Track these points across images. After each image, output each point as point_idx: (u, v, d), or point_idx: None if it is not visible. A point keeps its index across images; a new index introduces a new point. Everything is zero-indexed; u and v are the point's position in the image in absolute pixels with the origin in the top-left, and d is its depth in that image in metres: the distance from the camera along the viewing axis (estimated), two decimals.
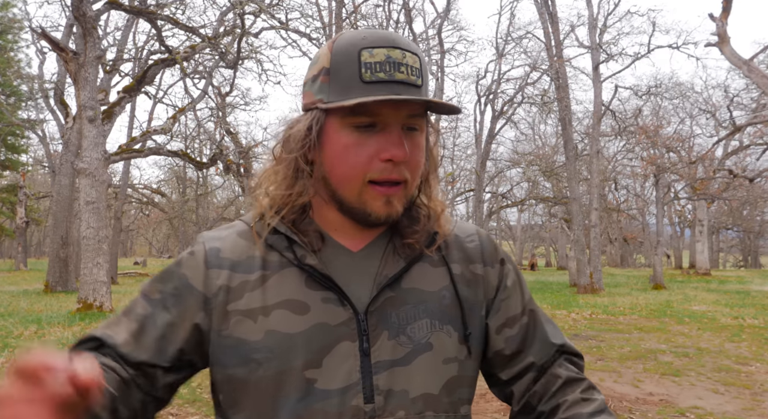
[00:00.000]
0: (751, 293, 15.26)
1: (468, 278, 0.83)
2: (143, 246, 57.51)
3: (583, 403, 0.79)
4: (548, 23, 16.75)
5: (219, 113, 18.59)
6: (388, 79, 0.72)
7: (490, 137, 25.13)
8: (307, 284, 0.76)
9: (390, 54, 0.72)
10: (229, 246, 0.80)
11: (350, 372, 0.73)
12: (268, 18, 13.92)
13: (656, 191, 19.13)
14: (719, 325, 9.03)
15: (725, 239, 47.49)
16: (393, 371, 0.74)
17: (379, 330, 0.75)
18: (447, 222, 0.84)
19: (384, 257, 0.79)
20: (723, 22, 12.08)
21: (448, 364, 0.78)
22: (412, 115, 0.74)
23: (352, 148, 0.73)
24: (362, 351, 0.74)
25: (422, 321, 0.77)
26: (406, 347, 0.76)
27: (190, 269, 0.78)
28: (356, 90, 0.72)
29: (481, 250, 0.87)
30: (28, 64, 28.54)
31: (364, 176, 0.74)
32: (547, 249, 51.58)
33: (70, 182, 15.34)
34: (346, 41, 0.74)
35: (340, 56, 0.74)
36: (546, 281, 22.05)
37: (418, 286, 0.79)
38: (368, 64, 0.72)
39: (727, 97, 21.61)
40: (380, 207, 0.75)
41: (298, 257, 0.76)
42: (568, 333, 8.25)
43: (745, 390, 5.07)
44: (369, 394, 0.73)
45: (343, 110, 0.73)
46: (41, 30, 10.24)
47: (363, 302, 0.76)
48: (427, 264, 0.81)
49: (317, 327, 0.74)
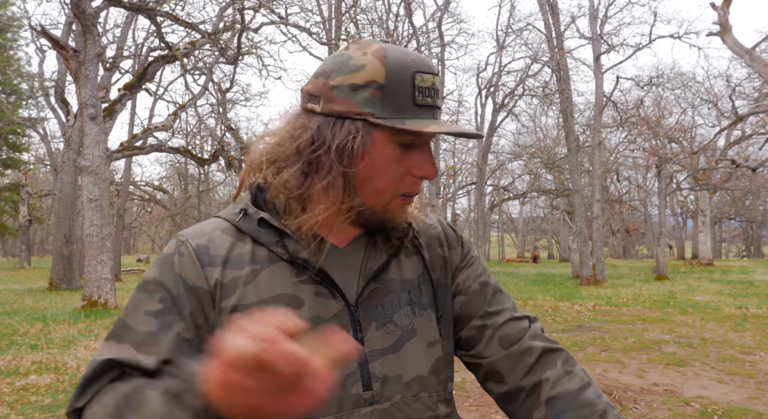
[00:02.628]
0: (754, 283, 15.25)
1: (438, 262, 0.89)
2: (146, 243, 57.64)
3: (567, 377, 0.80)
4: (549, 15, 16.67)
5: (220, 109, 18.57)
6: (433, 104, 0.77)
7: (492, 130, 25.09)
8: (298, 278, 0.77)
9: (434, 81, 0.78)
10: (216, 243, 0.78)
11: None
12: (268, 13, 13.89)
13: (658, 182, 19.10)
14: (723, 315, 9.04)
15: (728, 230, 47.45)
16: (385, 358, 0.78)
17: (368, 320, 0.78)
18: (419, 214, 0.88)
19: (367, 252, 0.83)
20: (725, 11, 12.01)
21: (432, 346, 0.82)
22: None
23: (394, 163, 0.77)
24: (357, 341, 0.77)
25: (405, 308, 0.81)
26: (394, 335, 0.79)
27: (185, 269, 0.76)
28: (409, 111, 0.75)
29: (444, 234, 0.92)
30: (28, 62, 28.54)
31: (397, 190, 0.78)
32: (549, 241, 51.57)
33: (73, 180, 15.37)
34: (398, 60, 0.76)
35: (395, 75, 0.75)
36: (549, 273, 22.06)
37: (398, 276, 0.83)
38: (421, 89, 0.76)
39: (729, 86, 21.50)
40: (400, 215, 0.81)
41: (291, 251, 0.77)
42: (571, 324, 8.27)
43: (750, 379, 5.08)
44: (367, 381, 0.76)
45: (395, 129, 0.75)
46: (41, 28, 10.23)
47: (352, 295, 0.79)
48: (403, 255, 0.86)
49: (313, 321, 0.75)
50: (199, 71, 19.27)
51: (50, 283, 15.14)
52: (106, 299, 9.73)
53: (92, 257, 9.69)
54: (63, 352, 6.32)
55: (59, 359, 5.94)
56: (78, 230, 15.71)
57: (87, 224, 9.76)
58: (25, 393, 4.69)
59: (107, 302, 9.70)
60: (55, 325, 8.25)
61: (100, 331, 7.71)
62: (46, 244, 46.94)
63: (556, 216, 35.02)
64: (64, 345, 6.74)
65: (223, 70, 20.19)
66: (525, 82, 23.10)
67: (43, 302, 11.58)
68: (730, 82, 21.73)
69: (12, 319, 8.95)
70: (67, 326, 8.16)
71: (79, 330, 7.78)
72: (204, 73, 18.97)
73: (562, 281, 17.34)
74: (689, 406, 4.30)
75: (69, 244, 15.28)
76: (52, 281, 15.10)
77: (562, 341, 6.78)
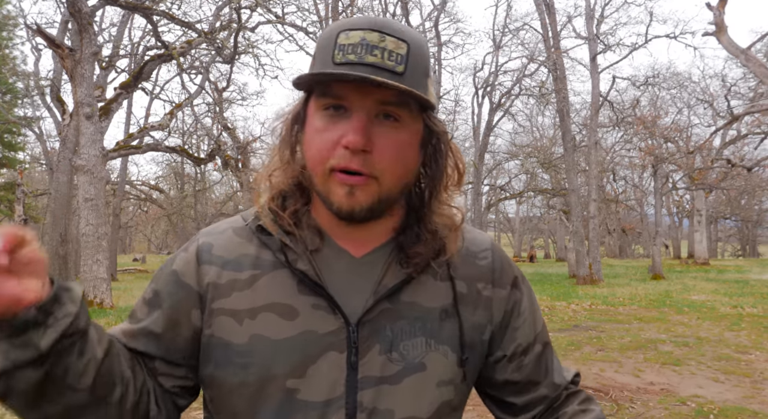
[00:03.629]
0: (749, 282, 15.31)
1: (473, 298, 0.78)
2: (142, 243, 57.47)
3: (582, 414, 0.79)
4: (545, 14, 16.69)
5: (216, 109, 18.53)
6: (357, 61, 0.66)
7: (488, 130, 25.11)
8: (298, 287, 0.72)
9: (366, 36, 0.67)
10: (223, 243, 0.76)
11: (334, 385, 0.69)
12: (265, 12, 13.87)
13: (654, 182, 19.15)
14: (718, 314, 9.07)
15: (723, 229, 47.59)
16: (380, 389, 0.70)
17: (370, 342, 0.71)
18: (456, 240, 0.77)
19: (386, 266, 0.74)
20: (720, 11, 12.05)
21: (442, 388, 0.73)
22: (386, 102, 0.68)
23: (321, 132, 0.69)
24: (349, 364, 0.70)
25: (418, 339, 0.72)
26: (397, 364, 0.71)
27: (182, 265, 0.75)
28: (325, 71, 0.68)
29: (492, 269, 0.81)
30: (23, 61, 28.42)
31: (327, 162, 0.68)
32: (545, 241, 51.65)
33: (68, 179, 15.31)
34: (333, 25, 0.71)
35: (323, 39, 0.71)
36: (545, 272, 22.10)
37: (419, 301, 0.74)
38: (342, 46, 0.67)
39: (725, 86, 21.59)
40: (342, 197, 0.69)
41: (290, 261, 0.72)
42: (568, 323, 8.28)
43: (745, 378, 5.10)
44: (351, 411, 0.69)
45: (318, 92, 0.70)
46: (36, 27, 10.19)
47: (356, 312, 0.71)
48: (430, 277, 0.75)
49: (304, 335, 0.70)
50: (195, 70, 19.22)
51: None
52: (102, 299, 9.70)
53: (88, 256, 9.65)
54: None
55: None
56: (74, 230, 15.67)
57: (83, 223, 9.73)
58: None
59: (103, 302, 9.67)
60: None
61: None
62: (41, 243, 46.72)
63: (552, 216, 35.07)
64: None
65: (220, 70, 20.14)
66: (522, 82, 23.14)
67: None
68: (725, 82, 21.83)
69: None
70: None
71: None
72: (200, 73, 18.93)
73: (559, 281, 17.37)
74: (685, 405, 4.31)
75: (65, 243, 15.23)
76: None
77: (559, 340, 6.79)
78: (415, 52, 0.70)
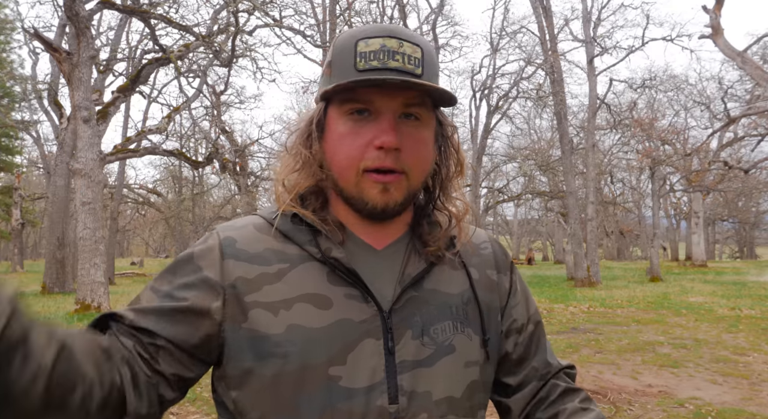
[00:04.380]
0: (747, 284, 15.33)
1: (486, 283, 0.84)
2: (140, 246, 57.36)
3: (582, 413, 0.80)
4: (542, 17, 16.74)
5: (214, 112, 18.53)
6: (381, 66, 0.72)
7: (486, 132, 25.14)
8: (329, 278, 0.74)
9: (385, 43, 0.72)
10: (246, 238, 0.77)
11: (375, 370, 0.71)
12: (262, 16, 13.88)
13: (652, 184, 19.18)
14: (716, 316, 9.08)
15: (721, 231, 47.68)
16: (417, 372, 0.73)
17: (402, 328, 0.74)
18: (467, 227, 0.84)
19: (406, 257, 0.78)
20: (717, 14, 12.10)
21: (470, 368, 0.77)
22: (409, 103, 0.73)
23: (348, 137, 0.73)
24: (387, 350, 0.72)
25: (445, 322, 0.76)
26: (429, 348, 0.74)
27: (204, 259, 0.75)
28: (351, 78, 0.72)
29: (494, 257, 0.88)
30: (20, 65, 28.38)
31: (359, 164, 0.73)
32: (543, 243, 51.67)
33: (66, 183, 15.29)
34: (347, 34, 0.76)
35: (339, 48, 0.75)
36: (543, 275, 22.10)
37: (440, 288, 0.78)
38: (363, 54, 0.72)
39: (722, 89, 21.64)
40: (377, 195, 0.74)
41: (323, 250, 0.74)
42: (566, 326, 8.28)
43: (743, 380, 5.10)
44: (393, 394, 0.71)
45: (340, 99, 0.74)
46: (34, 30, 10.18)
47: (387, 300, 0.74)
48: (447, 267, 0.81)
49: (341, 323, 0.72)
50: (193, 74, 19.22)
51: (43, 287, 15.03)
52: (100, 303, 9.67)
53: (85, 260, 9.63)
54: None
55: None
56: (71, 234, 15.62)
57: (80, 227, 9.71)
58: None
59: (101, 306, 9.65)
60: None
61: None
62: (39, 247, 46.64)
63: (550, 218, 35.10)
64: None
65: (218, 73, 20.15)
66: (519, 85, 23.18)
67: (36, 306, 11.49)
68: (722, 84, 21.89)
69: None
70: None
71: None
72: (198, 76, 18.93)
73: (557, 283, 17.38)
74: (683, 407, 4.31)
75: (62, 247, 15.19)
76: (45, 285, 15.00)
77: (557, 343, 6.79)
78: (428, 55, 0.75)
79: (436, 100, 0.76)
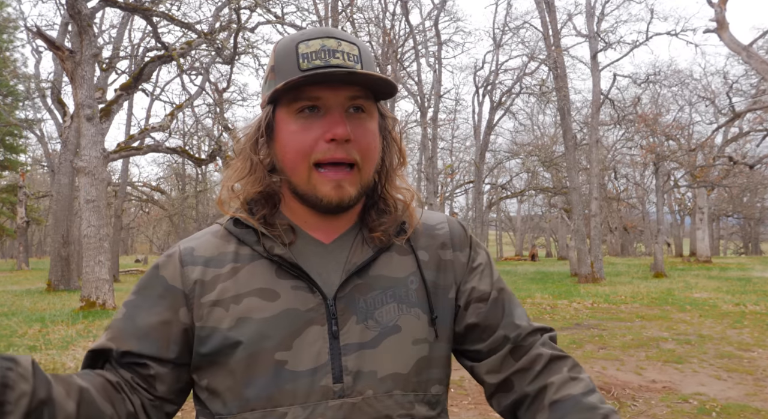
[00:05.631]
0: (752, 280, 15.28)
1: (435, 263, 0.86)
2: (144, 244, 57.54)
3: (572, 382, 0.80)
4: (545, 12, 16.67)
5: (217, 109, 18.55)
6: (324, 65, 0.76)
7: (489, 128, 25.10)
8: (277, 274, 0.79)
9: (325, 43, 0.77)
10: (203, 245, 0.83)
11: (319, 353, 0.76)
12: (264, 12, 13.87)
13: (656, 180, 19.11)
14: (721, 312, 9.05)
15: (726, 227, 47.51)
16: (362, 353, 0.77)
17: (347, 314, 0.78)
18: (414, 212, 0.87)
19: (353, 247, 0.82)
20: (722, 8, 12.02)
21: (418, 345, 0.81)
22: (354, 96, 0.77)
23: (298, 133, 0.77)
24: (331, 334, 0.77)
25: (390, 305, 0.80)
26: (373, 330, 0.78)
27: (166, 269, 0.81)
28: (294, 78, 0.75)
29: (450, 236, 0.90)
30: (24, 63, 28.41)
31: (310, 158, 0.76)
32: (547, 240, 51.62)
33: (70, 181, 15.33)
34: (286, 39, 0.80)
35: (281, 53, 0.79)
36: (547, 271, 22.08)
37: (386, 273, 0.82)
38: (305, 55, 0.76)
39: (727, 83, 21.51)
40: (330, 191, 0.77)
41: (267, 248, 0.79)
42: (570, 322, 8.28)
43: (748, 375, 5.09)
44: (338, 374, 0.76)
45: (288, 99, 0.77)
46: (36, 29, 10.19)
47: (332, 289, 0.79)
48: (394, 253, 0.84)
49: (287, 312, 0.77)
50: (195, 71, 19.24)
51: (48, 284, 15.11)
52: (104, 300, 9.72)
53: (90, 257, 9.67)
54: (61, 353, 6.31)
55: (57, 360, 5.92)
56: (76, 231, 15.68)
57: (84, 225, 9.74)
58: None
59: (105, 303, 9.69)
60: (53, 326, 8.23)
61: (98, 332, 7.70)
62: (44, 245, 46.85)
63: (554, 214, 35.04)
64: (63, 346, 6.73)
65: (220, 70, 20.18)
66: (522, 81, 23.12)
67: (41, 304, 11.55)
68: (727, 79, 21.75)
69: (10, 320, 8.93)
70: (66, 327, 8.14)
71: (77, 331, 7.77)
72: (200, 74, 18.94)
73: (561, 279, 17.36)
74: (687, 403, 4.30)
75: (67, 245, 15.25)
76: (50, 283, 15.07)
77: (561, 339, 6.79)
78: (365, 52, 0.80)
79: (378, 93, 0.80)
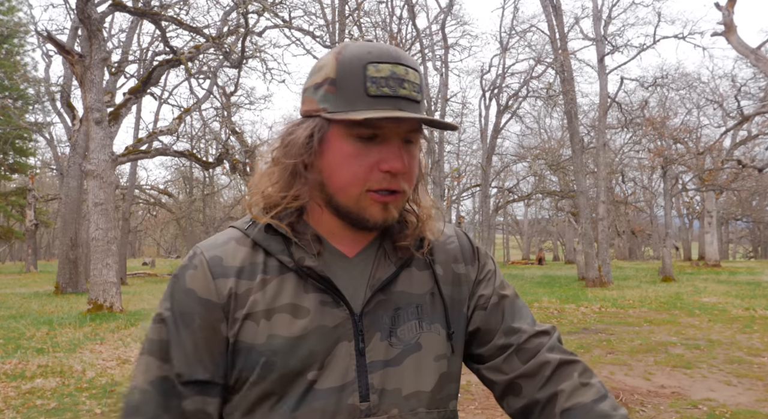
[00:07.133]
0: (761, 284, 15.15)
1: (450, 278, 0.87)
2: (151, 247, 57.79)
3: (583, 389, 0.79)
4: (552, 16, 16.65)
5: (224, 113, 18.63)
6: (392, 94, 0.74)
7: (496, 132, 25.05)
8: (304, 287, 0.78)
9: (394, 70, 0.75)
10: (230, 253, 0.80)
11: (347, 370, 0.76)
12: (272, 17, 13.93)
13: (664, 183, 19.00)
14: (730, 317, 8.98)
15: (735, 230, 47.14)
16: (386, 371, 0.77)
17: (372, 331, 0.78)
18: (435, 226, 0.87)
19: (376, 262, 0.82)
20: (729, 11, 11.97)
21: (439, 361, 0.81)
22: (412, 130, 0.78)
23: (354, 158, 0.76)
24: (358, 351, 0.77)
25: (411, 322, 0.80)
26: (396, 348, 0.79)
27: (196, 282, 0.78)
28: (362, 103, 0.74)
29: (460, 250, 0.91)
30: (34, 67, 28.69)
31: (364, 185, 0.76)
32: (554, 243, 51.39)
33: (78, 184, 15.43)
34: (352, 53, 0.76)
35: (346, 68, 0.75)
36: (554, 275, 21.99)
37: (407, 289, 0.82)
38: (374, 79, 0.74)
39: (735, 86, 21.39)
40: (378, 213, 0.78)
41: (296, 259, 0.78)
42: (577, 326, 8.23)
43: (758, 381, 5.04)
44: (365, 393, 0.76)
45: (350, 122, 0.75)
46: (47, 33, 10.29)
47: (358, 304, 0.78)
48: (414, 268, 0.85)
49: (317, 330, 0.76)
50: (203, 75, 19.34)
51: (56, 287, 15.20)
52: (112, 303, 9.76)
53: (98, 260, 9.72)
54: (69, 356, 6.34)
55: (65, 362, 5.95)
56: (84, 234, 15.77)
57: (93, 227, 9.80)
58: (30, 397, 4.70)
59: (113, 306, 9.73)
60: (61, 329, 8.27)
61: (105, 334, 7.73)
62: (52, 248, 47.14)
63: (561, 218, 34.91)
64: (70, 349, 6.76)
65: (228, 74, 20.27)
66: (529, 84, 23.07)
67: (49, 306, 11.62)
68: (735, 82, 21.63)
69: (18, 323, 8.99)
70: (73, 329, 8.18)
71: (84, 334, 7.80)
72: (208, 77, 19.04)
73: (568, 283, 17.28)
74: (697, 409, 4.26)
75: (75, 248, 15.34)
76: (58, 285, 15.16)
77: (568, 343, 6.75)
78: (423, 79, 0.80)
79: (429, 124, 0.80)
